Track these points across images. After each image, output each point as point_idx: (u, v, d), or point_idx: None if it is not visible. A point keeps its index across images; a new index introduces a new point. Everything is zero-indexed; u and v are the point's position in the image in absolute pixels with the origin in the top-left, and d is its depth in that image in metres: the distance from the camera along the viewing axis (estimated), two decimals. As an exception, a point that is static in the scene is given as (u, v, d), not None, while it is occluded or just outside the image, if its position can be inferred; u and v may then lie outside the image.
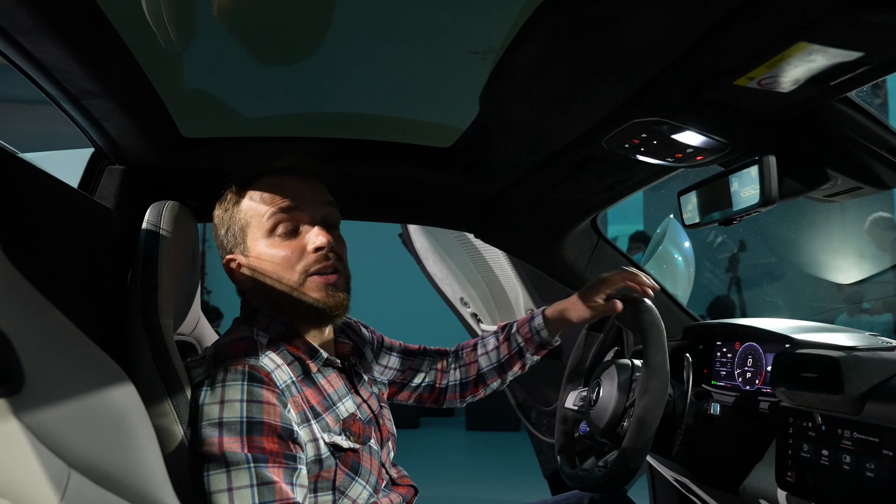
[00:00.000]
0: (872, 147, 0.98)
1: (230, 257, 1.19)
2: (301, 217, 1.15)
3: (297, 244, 1.14)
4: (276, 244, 1.14)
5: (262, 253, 1.15)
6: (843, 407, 1.05)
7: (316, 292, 1.14)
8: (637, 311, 1.27)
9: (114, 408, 0.67)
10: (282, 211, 1.14)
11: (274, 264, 1.14)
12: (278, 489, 0.95)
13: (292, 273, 1.13)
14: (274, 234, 1.14)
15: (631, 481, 1.24)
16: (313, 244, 1.13)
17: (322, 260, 1.14)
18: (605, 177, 1.37)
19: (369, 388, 1.29)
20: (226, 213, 1.20)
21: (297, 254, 1.14)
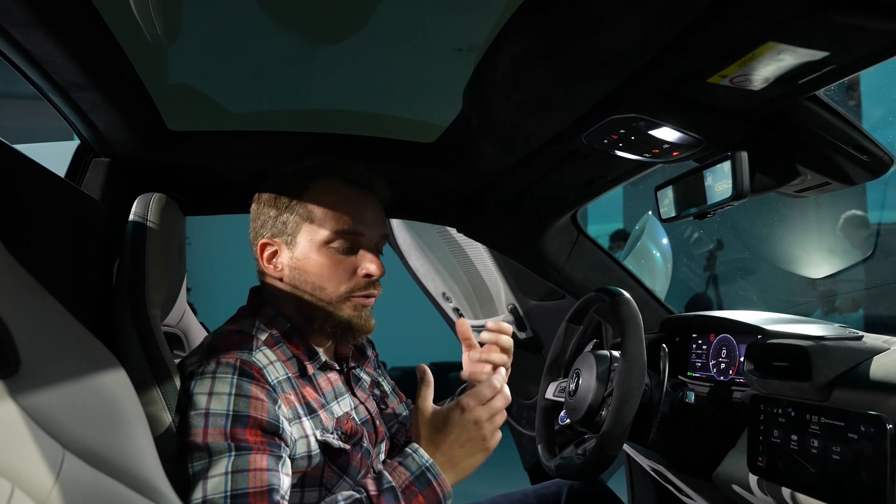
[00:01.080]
0: (840, 144, 1.02)
1: (269, 242, 1.17)
2: (362, 239, 1.16)
3: (350, 263, 1.15)
4: (330, 255, 1.14)
5: (311, 257, 1.15)
6: (811, 394, 1.09)
7: (350, 312, 1.16)
8: (615, 303, 1.30)
9: (106, 392, 0.69)
10: (349, 227, 1.14)
11: (320, 273, 1.14)
12: (252, 476, 0.96)
13: (335, 289, 1.15)
14: (330, 245, 1.14)
15: (608, 468, 1.27)
16: (366, 270, 1.15)
17: (368, 287, 1.16)
18: (584, 172, 1.41)
19: (368, 391, 1.31)
20: (281, 198, 1.17)
21: (347, 273, 1.15)
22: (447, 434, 1.02)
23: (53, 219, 1.00)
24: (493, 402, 1.04)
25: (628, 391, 1.19)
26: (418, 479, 0.99)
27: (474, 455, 1.03)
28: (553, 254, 1.76)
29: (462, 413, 1.02)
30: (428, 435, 1.03)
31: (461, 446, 1.02)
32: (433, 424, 1.04)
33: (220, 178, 1.47)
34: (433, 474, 0.99)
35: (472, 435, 1.02)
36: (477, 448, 1.02)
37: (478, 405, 1.03)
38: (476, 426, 1.02)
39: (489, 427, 1.03)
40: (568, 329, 1.56)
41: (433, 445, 1.02)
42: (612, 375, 1.32)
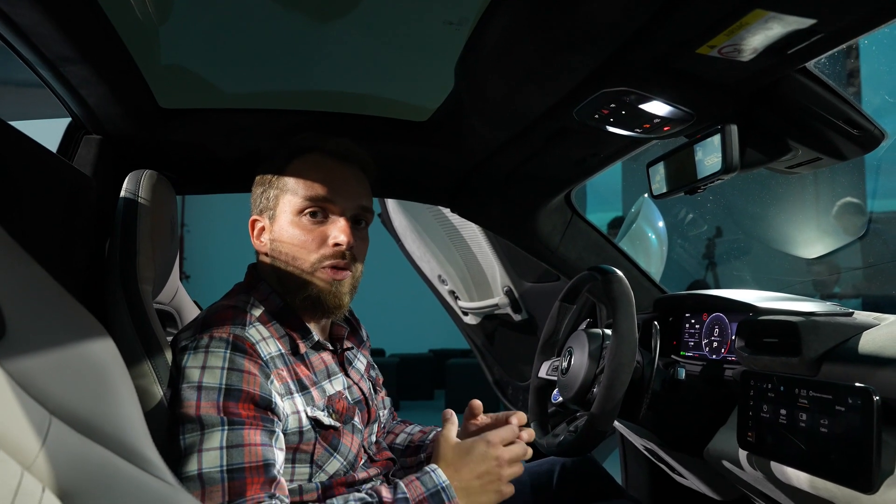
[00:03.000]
0: (831, 118, 1.02)
1: (257, 219, 1.21)
2: (333, 207, 1.16)
3: (320, 232, 1.15)
4: (301, 225, 1.15)
5: (285, 228, 1.16)
6: (800, 369, 1.09)
7: (322, 284, 1.16)
8: (607, 281, 1.30)
9: (94, 360, 0.69)
10: (318, 195, 1.15)
11: (293, 243, 1.15)
12: (247, 451, 0.97)
13: (306, 257, 1.15)
14: (302, 215, 1.15)
15: (601, 445, 1.28)
16: (334, 238, 1.15)
17: (337, 256, 1.16)
18: (576, 150, 1.40)
19: (362, 373, 1.31)
20: (266, 175, 1.20)
21: (316, 242, 1.15)
22: (467, 462, 1.05)
23: (44, 193, 1.00)
24: (513, 446, 1.08)
25: (619, 368, 1.20)
26: (432, 497, 1.01)
27: (487, 493, 1.04)
28: (547, 234, 1.76)
29: (486, 446, 1.05)
30: (448, 459, 1.07)
31: (478, 478, 1.04)
32: (456, 451, 1.07)
33: (212, 157, 1.47)
34: (447, 495, 1.01)
35: (491, 470, 1.04)
36: (492, 485, 1.04)
37: (500, 444, 1.06)
38: (496, 462, 1.04)
39: (507, 470, 1.05)
40: (561, 308, 1.56)
41: (452, 469, 1.05)
42: (603, 353, 1.32)
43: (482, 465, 1.04)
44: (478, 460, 1.05)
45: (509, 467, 1.05)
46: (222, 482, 0.94)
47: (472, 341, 2.74)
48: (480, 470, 1.04)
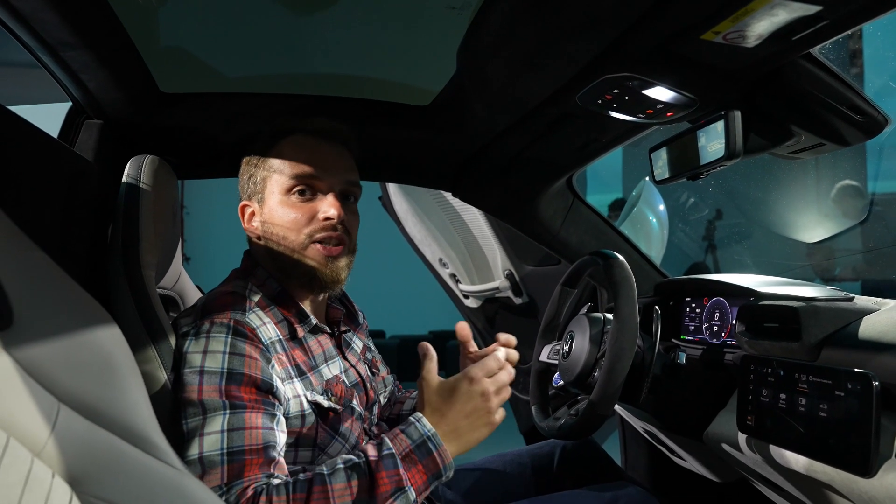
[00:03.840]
0: (834, 104, 1.01)
1: (246, 204, 1.22)
2: (320, 184, 1.17)
3: (309, 208, 1.16)
4: (290, 204, 1.16)
5: (275, 209, 1.17)
6: (800, 354, 1.10)
7: (315, 260, 1.16)
8: (609, 266, 1.30)
9: (100, 347, 0.69)
10: (303, 173, 1.16)
11: (283, 223, 1.16)
12: (248, 434, 0.97)
13: (298, 235, 1.16)
14: (290, 194, 1.16)
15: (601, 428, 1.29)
16: (324, 213, 1.15)
17: (329, 230, 1.16)
18: (579, 135, 1.40)
19: (359, 356, 1.32)
20: (252, 160, 1.22)
21: (306, 218, 1.16)
22: (453, 404, 1.00)
23: (45, 178, 1.00)
24: (499, 375, 1.03)
25: (620, 352, 1.20)
26: (419, 448, 0.97)
27: (479, 428, 1.01)
28: (548, 218, 1.76)
29: (470, 384, 1.00)
30: (433, 404, 1.02)
31: (466, 417, 1.00)
32: (439, 394, 1.02)
33: (213, 141, 1.46)
34: (434, 444, 0.98)
35: (478, 406, 1.00)
36: (482, 421, 1.01)
37: (484, 377, 1.01)
38: (483, 398, 1.00)
39: (495, 400, 1.01)
40: (563, 292, 1.57)
41: (438, 414, 1.01)
42: (604, 337, 1.33)
43: (468, 403, 1.00)
44: (463, 399, 1.00)
45: (497, 397, 1.02)
46: (222, 464, 0.94)
47: (473, 324, 2.75)
48: (467, 409, 1.00)
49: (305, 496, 0.92)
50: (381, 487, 0.93)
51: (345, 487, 0.93)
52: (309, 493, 0.92)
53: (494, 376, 1.02)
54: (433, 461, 0.97)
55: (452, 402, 1.00)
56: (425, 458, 0.97)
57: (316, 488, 0.92)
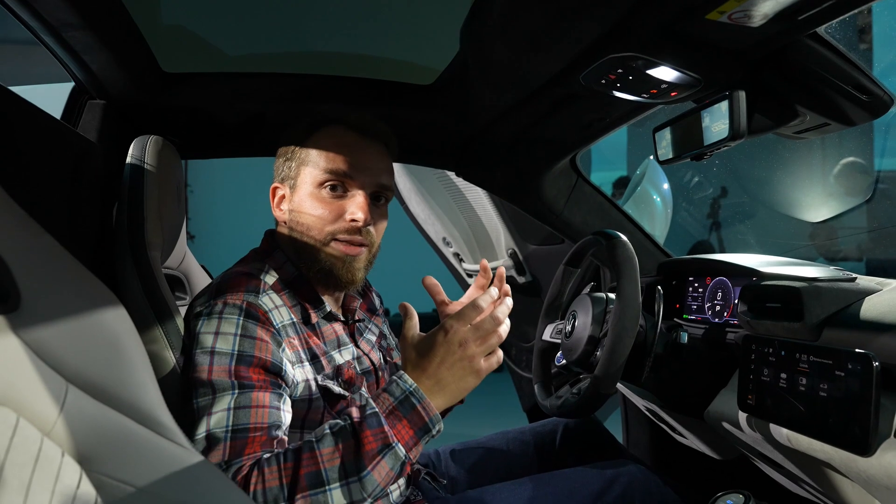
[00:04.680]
0: (840, 84, 1.01)
1: (277, 187, 1.22)
2: (352, 182, 1.16)
3: (337, 206, 1.16)
4: (319, 198, 1.16)
5: (304, 199, 1.17)
6: (802, 334, 1.11)
7: (335, 258, 1.16)
8: (612, 246, 1.31)
9: (107, 328, 0.70)
10: (339, 169, 1.15)
11: (310, 215, 1.16)
12: (254, 413, 0.98)
13: (322, 230, 1.16)
14: (322, 187, 1.16)
15: (603, 407, 1.30)
16: (351, 214, 1.15)
17: (353, 232, 1.16)
18: (582, 115, 1.39)
19: (372, 343, 1.33)
20: (290, 145, 1.21)
21: (333, 215, 1.15)
22: (432, 357, 0.98)
23: (49, 160, 1.00)
24: (481, 323, 0.99)
25: (622, 332, 1.21)
26: (402, 404, 0.96)
27: (464, 378, 0.98)
28: (552, 198, 1.76)
29: (445, 334, 0.98)
30: (413, 360, 1.00)
31: (448, 368, 0.97)
32: (418, 349, 1.00)
33: (217, 121, 1.46)
34: (417, 398, 0.96)
35: (459, 356, 0.97)
36: (466, 370, 0.98)
37: (461, 326, 0.98)
38: (461, 347, 0.97)
39: (477, 348, 0.98)
40: (566, 272, 1.57)
41: (419, 370, 0.99)
42: (607, 317, 1.33)
43: (448, 354, 0.97)
44: (442, 351, 0.97)
45: (479, 345, 0.98)
46: (225, 441, 0.95)
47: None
48: (448, 360, 0.97)
49: (295, 464, 0.92)
50: (367, 446, 0.92)
51: (333, 450, 0.93)
52: (298, 461, 0.93)
53: (475, 323, 0.99)
54: (418, 415, 0.96)
55: (431, 356, 0.98)
56: (409, 413, 0.96)
57: (305, 455, 0.93)
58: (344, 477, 0.92)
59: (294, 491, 0.91)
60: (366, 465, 0.92)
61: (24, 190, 0.90)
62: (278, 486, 0.91)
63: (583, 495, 1.25)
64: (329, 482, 0.91)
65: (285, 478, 0.92)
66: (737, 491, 1.02)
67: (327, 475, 0.92)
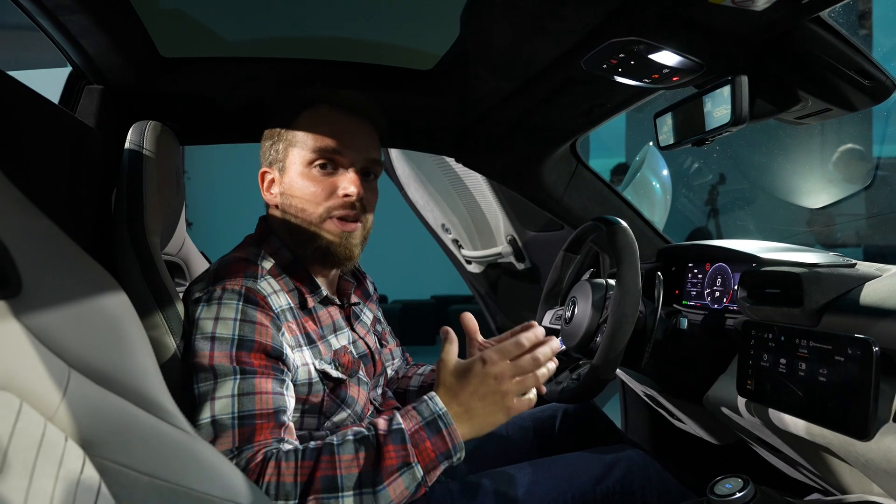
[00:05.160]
0: (843, 69, 1.00)
1: (266, 171, 1.22)
2: (342, 159, 1.16)
3: (329, 183, 1.16)
4: (310, 177, 1.16)
5: (295, 180, 1.17)
6: (802, 319, 1.11)
7: (331, 235, 1.16)
8: (612, 232, 1.31)
9: (108, 313, 0.70)
10: (327, 147, 1.15)
11: (302, 195, 1.16)
12: (258, 399, 0.99)
13: (316, 209, 1.16)
14: (312, 166, 1.16)
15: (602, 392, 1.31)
16: (343, 189, 1.15)
17: (347, 207, 1.16)
18: (583, 100, 1.39)
19: (368, 328, 1.33)
20: (277, 127, 1.20)
21: (326, 192, 1.15)
22: (466, 385, 0.97)
23: (48, 145, 1.00)
24: (519, 360, 0.98)
25: (622, 318, 1.21)
26: (429, 426, 0.95)
27: (493, 413, 0.97)
28: (551, 184, 1.75)
29: (483, 365, 0.97)
30: (447, 384, 0.99)
31: (480, 399, 0.96)
32: (454, 374, 0.99)
33: (215, 107, 1.45)
34: (444, 422, 0.95)
35: (492, 389, 0.96)
36: (497, 405, 0.97)
37: (500, 360, 0.97)
38: (496, 381, 0.96)
39: (512, 386, 0.97)
40: (565, 258, 1.57)
41: (451, 394, 0.98)
42: (607, 303, 1.34)
43: (482, 386, 0.96)
44: (476, 381, 0.97)
45: (515, 383, 0.97)
46: (233, 428, 0.96)
47: (476, 289, 2.76)
48: (481, 391, 0.96)
49: (313, 464, 0.93)
50: (387, 461, 0.92)
51: (352, 459, 0.93)
52: (317, 462, 0.93)
53: (514, 361, 0.98)
54: (442, 440, 0.95)
55: (465, 384, 0.97)
56: (434, 436, 0.95)
57: (324, 457, 0.93)
58: (359, 487, 0.92)
59: (308, 491, 0.91)
60: (383, 479, 0.92)
61: (23, 175, 0.89)
62: (292, 483, 0.91)
63: (582, 480, 1.25)
64: (343, 489, 0.92)
65: (301, 476, 0.92)
66: (735, 475, 1.02)
67: (343, 482, 0.92)
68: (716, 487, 1.02)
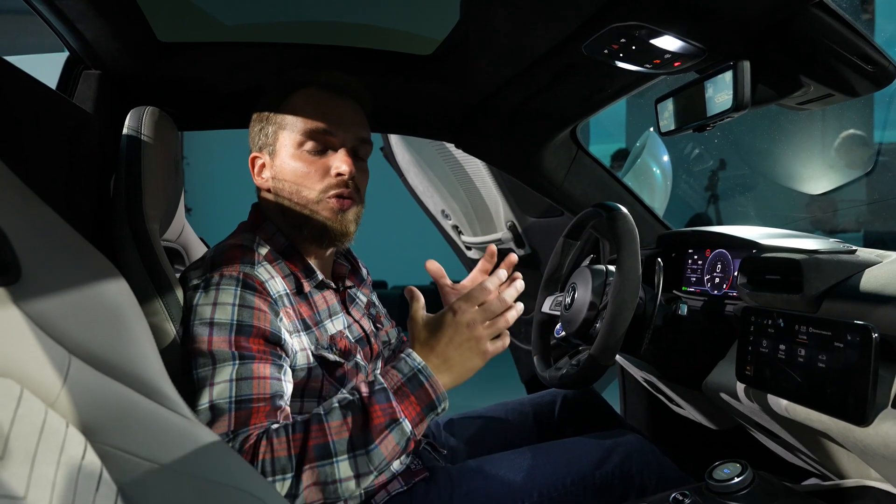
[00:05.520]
0: (846, 54, 0.99)
1: (256, 156, 1.22)
2: (333, 140, 1.17)
3: (321, 164, 1.16)
4: (302, 158, 1.16)
5: (286, 163, 1.17)
6: (801, 306, 1.11)
7: (327, 214, 1.17)
8: (612, 218, 1.30)
9: (108, 300, 0.70)
10: (317, 128, 1.16)
11: (295, 177, 1.16)
12: (256, 384, 0.99)
13: (310, 190, 1.16)
14: (302, 148, 1.16)
15: (601, 379, 1.31)
16: (336, 169, 1.16)
17: (341, 186, 1.17)
18: (584, 86, 1.38)
19: (363, 311, 1.33)
20: (263, 112, 1.21)
21: (319, 173, 1.16)
22: (440, 337, 1.01)
23: (46, 131, 0.99)
24: (488, 305, 1.01)
25: (622, 305, 1.22)
26: (410, 381, 0.98)
27: (470, 358, 1.01)
28: (552, 170, 1.75)
29: (454, 315, 1.01)
30: (422, 338, 1.03)
31: (456, 348, 1.00)
32: (426, 328, 1.03)
33: (214, 92, 1.44)
34: (425, 375, 0.99)
35: (466, 336, 1.00)
36: (472, 351, 1.00)
37: (470, 307, 1.01)
38: (468, 328, 1.00)
39: (484, 330, 1.01)
40: (565, 244, 1.57)
41: (427, 348, 1.01)
42: (607, 289, 1.34)
43: (456, 335, 1.00)
44: (450, 331, 1.00)
45: (486, 328, 1.01)
46: (229, 412, 0.97)
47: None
48: (456, 340, 1.00)
49: (303, 435, 0.94)
50: (374, 420, 0.94)
51: (341, 424, 0.95)
52: (307, 433, 0.94)
53: (483, 305, 1.01)
54: (425, 392, 0.98)
55: (439, 335, 1.01)
56: (417, 390, 0.98)
57: (313, 426, 0.95)
58: (352, 449, 0.94)
59: (302, 461, 0.92)
60: (373, 438, 0.94)
61: (21, 162, 0.89)
62: (286, 457, 0.92)
63: (581, 465, 1.26)
64: (337, 454, 0.93)
65: (294, 448, 0.93)
66: (733, 461, 1.03)
67: (335, 447, 0.93)
68: (714, 472, 1.03)
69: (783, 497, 0.98)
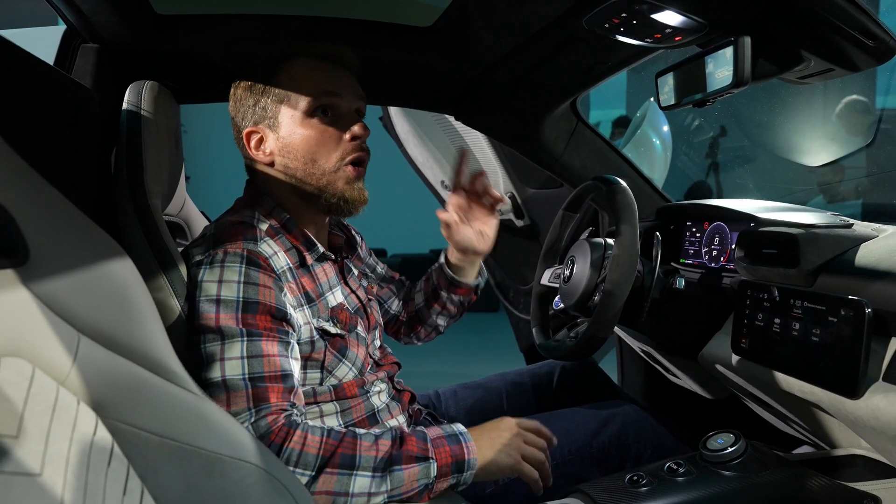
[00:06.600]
0: (847, 29, 0.99)
1: (254, 130, 1.18)
2: (341, 102, 1.17)
3: (332, 131, 1.16)
4: (314, 126, 1.15)
5: (296, 132, 1.15)
6: (797, 280, 1.12)
7: (345, 183, 1.17)
8: (612, 191, 1.31)
9: (114, 278, 0.71)
10: (325, 90, 1.15)
11: (308, 147, 1.15)
12: (267, 361, 1.01)
13: (327, 158, 1.16)
14: (314, 116, 1.15)
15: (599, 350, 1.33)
16: (352, 133, 1.16)
17: (358, 150, 1.17)
18: (584, 58, 1.37)
19: (358, 281, 1.35)
20: (255, 86, 1.18)
21: (334, 140, 1.16)
22: (484, 428, 1.10)
23: (46, 107, 0.99)
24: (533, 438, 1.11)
25: (620, 277, 1.23)
26: (450, 437, 1.06)
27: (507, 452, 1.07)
28: (551, 142, 1.75)
29: (500, 421, 1.11)
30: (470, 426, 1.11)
31: (497, 438, 1.08)
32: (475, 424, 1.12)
33: (212, 65, 1.43)
34: (464, 438, 1.06)
35: (507, 438, 1.08)
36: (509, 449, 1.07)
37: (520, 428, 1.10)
38: (510, 433, 1.08)
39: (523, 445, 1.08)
40: (564, 217, 1.58)
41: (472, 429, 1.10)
42: (605, 262, 1.35)
43: (499, 434, 1.09)
44: (495, 428, 1.09)
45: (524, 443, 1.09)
46: (245, 388, 0.99)
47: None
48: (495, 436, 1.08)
49: (337, 443, 0.99)
50: (407, 447, 1.01)
51: (372, 444, 1.01)
52: (340, 440, 0.99)
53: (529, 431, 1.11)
54: (460, 449, 1.04)
55: (484, 427, 1.11)
56: (453, 444, 1.05)
57: (347, 438, 1.00)
58: (374, 469, 0.99)
59: (325, 465, 0.97)
60: (401, 461, 1.00)
61: (25, 142, 0.89)
62: (315, 455, 0.97)
63: (579, 434, 1.29)
64: (359, 468, 0.98)
65: (324, 451, 0.97)
66: (727, 431, 1.06)
67: (360, 461, 0.98)
68: (708, 442, 1.05)
69: (775, 466, 1.01)
